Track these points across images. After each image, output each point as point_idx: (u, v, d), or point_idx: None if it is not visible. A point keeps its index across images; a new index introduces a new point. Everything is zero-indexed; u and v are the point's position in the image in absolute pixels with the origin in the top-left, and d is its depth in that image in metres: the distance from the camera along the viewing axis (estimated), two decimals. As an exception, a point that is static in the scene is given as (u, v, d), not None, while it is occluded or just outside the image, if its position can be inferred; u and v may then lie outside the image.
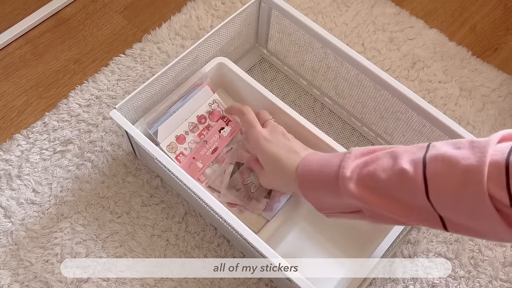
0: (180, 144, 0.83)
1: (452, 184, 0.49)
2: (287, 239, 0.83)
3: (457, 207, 0.50)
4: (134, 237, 0.84)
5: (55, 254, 0.82)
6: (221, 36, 0.87)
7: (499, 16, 1.13)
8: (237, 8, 1.07)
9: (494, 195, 0.47)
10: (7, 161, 0.90)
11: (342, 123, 0.97)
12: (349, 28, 1.08)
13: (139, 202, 0.87)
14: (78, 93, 0.97)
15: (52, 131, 0.93)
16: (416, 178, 0.52)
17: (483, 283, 0.83)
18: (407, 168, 0.53)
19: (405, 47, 1.06)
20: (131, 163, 0.90)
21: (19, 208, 0.86)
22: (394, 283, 0.82)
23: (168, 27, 1.06)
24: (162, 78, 0.82)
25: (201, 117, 0.85)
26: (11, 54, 1.03)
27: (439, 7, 1.13)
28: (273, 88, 0.99)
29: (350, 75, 0.87)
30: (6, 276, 0.81)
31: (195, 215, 0.86)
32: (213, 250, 0.84)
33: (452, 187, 0.50)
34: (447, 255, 0.85)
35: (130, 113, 0.82)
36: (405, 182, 0.53)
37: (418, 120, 0.80)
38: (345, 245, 0.82)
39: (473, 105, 1.00)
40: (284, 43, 0.96)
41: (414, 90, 0.99)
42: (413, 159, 0.53)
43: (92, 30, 1.06)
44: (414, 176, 0.52)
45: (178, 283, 0.81)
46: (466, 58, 1.05)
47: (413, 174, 0.52)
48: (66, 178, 0.89)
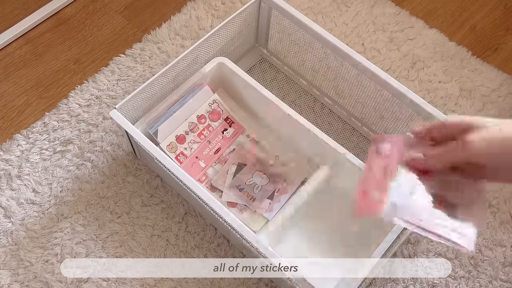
0: (180, 144, 0.83)
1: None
2: (287, 239, 0.83)
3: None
4: (134, 237, 0.84)
5: (55, 254, 0.82)
6: (221, 36, 0.87)
7: (499, 16, 1.13)
8: (237, 8, 1.07)
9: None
10: (7, 161, 0.90)
11: (342, 123, 0.96)
12: (349, 28, 1.08)
13: (139, 202, 0.87)
14: (78, 93, 0.97)
15: (52, 131, 0.93)
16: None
17: (483, 283, 0.83)
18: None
19: (405, 47, 1.06)
20: (131, 163, 0.90)
21: (19, 208, 0.86)
22: (394, 283, 0.82)
23: (168, 27, 1.06)
24: (162, 78, 0.82)
25: (201, 117, 0.85)
26: (11, 54, 1.03)
27: (439, 7, 1.13)
28: (273, 88, 0.99)
29: (350, 75, 0.87)
30: (6, 276, 0.81)
31: (195, 215, 0.86)
32: (213, 250, 0.84)
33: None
34: (447, 255, 0.85)
35: (130, 113, 0.82)
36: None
37: (418, 120, 0.80)
38: (345, 245, 0.82)
39: (473, 105, 1.00)
40: (284, 43, 0.96)
41: (414, 90, 0.99)
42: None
43: (92, 30, 1.06)
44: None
45: (178, 283, 0.81)
46: (466, 58, 1.05)
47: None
48: (66, 178, 0.89)
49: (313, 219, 0.84)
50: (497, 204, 0.89)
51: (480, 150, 0.53)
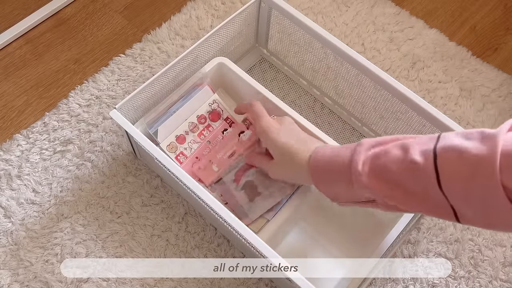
0: (180, 144, 0.83)
1: (463, 175, 0.49)
2: (287, 239, 0.83)
3: (469, 198, 0.50)
4: (134, 237, 0.84)
5: (55, 254, 0.82)
6: (221, 36, 0.87)
7: (499, 16, 1.13)
8: (237, 8, 1.07)
9: (508, 186, 0.46)
10: (7, 161, 0.90)
11: (342, 123, 0.96)
12: (349, 28, 1.08)
13: (139, 202, 0.87)
14: (78, 93, 0.97)
15: (52, 131, 0.93)
16: (427, 169, 0.52)
17: (483, 283, 0.83)
18: (418, 160, 0.52)
19: (405, 47, 1.06)
20: (131, 163, 0.90)
21: (19, 208, 0.86)
22: (394, 283, 0.82)
23: (168, 27, 1.06)
24: (162, 78, 0.82)
25: (201, 117, 0.85)
26: (11, 54, 1.03)
27: (439, 7, 1.13)
28: (273, 88, 0.99)
29: (350, 75, 0.87)
30: (6, 276, 0.81)
31: (195, 215, 0.86)
32: (213, 250, 0.84)
33: (463, 178, 0.49)
34: (447, 255, 0.85)
35: (130, 113, 0.82)
36: (417, 173, 0.53)
37: (418, 120, 0.80)
38: (345, 245, 0.82)
39: (473, 105, 1.00)
40: (284, 43, 0.96)
41: (414, 90, 0.99)
42: (424, 150, 0.53)
43: (92, 30, 1.06)
44: (425, 167, 0.52)
45: (178, 283, 0.81)
46: (466, 58, 1.05)
47: (424, 165, 0.52)
48: (66, 178, 0.89)
49: (313, 219, 0.84)
50: (497, 204, 0.89)
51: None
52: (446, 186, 0.51)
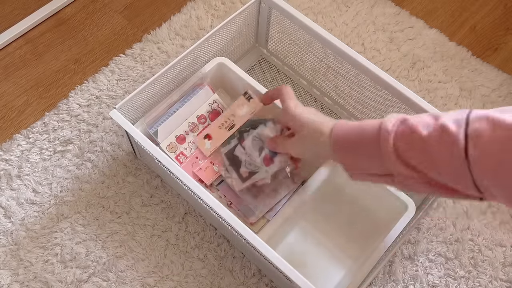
0: (180, 144, 0.83)
1: (497, 143, 0.48)
2: (287, 239, 0.83)
3: (499, 168, 0.48)
4: (134, 237, 0.84)
5: (55, 254, 0.82)
6: (221, 36, 0.87)
7: (499, 16, 1.13)
8: (237, 8, 1.07)
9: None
10: (7, 161, 0.90)
11: (342, 123, 0.96)
12: (349, 28, 1.08)
13: (139, 202, 0.87)
14: (78, 93, 0.97)
15: (52, 131, 0.93)
16: (457, 134, 0.51)
17: (483, 283, 0.83)
18: (449, 125, 0.52)
19: (405, 47, 1.06)
20: (131, 163, 0.90)
21: (19, 208, 0.86)
22: (394, 283, 0.82)
23: (168, 27, 1.06)
24: (162, 78, 0.82)
25: (201, 117, 0.85)
26: (11, 54, 1.03)
27: (439, 7, 1.13)
28: (273, 88, 0.99)
29: (350, 75, 0.87)
30: (6, 276, 0.81)
31: (195, 215, 0.86)
32: (213, 250, 0.84)
33: (497, 147, 0.48)
34: (447, 255, 0.85)
35: (130, 113, 0.82)
36: (445, 137, 0.52)
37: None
38: (345, 245, 0.82)
39: (473, 105, 1.00)
40: (284, 43, 0.96)
41: (414, 90, 0.99)
42: (456, 118, 0.52)
43: (92, 30, 1.06)
44: (455, 132, 0.51)
45: (178, 283, 0.81)
46: (466, 58, 1.05)
47: (454, 130, 0.51)
48: (66, 178, 0.89)
49: (313, 219, 0.84)
50: (497, 204, 0.89)
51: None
52: (475, 153, 0.49)
